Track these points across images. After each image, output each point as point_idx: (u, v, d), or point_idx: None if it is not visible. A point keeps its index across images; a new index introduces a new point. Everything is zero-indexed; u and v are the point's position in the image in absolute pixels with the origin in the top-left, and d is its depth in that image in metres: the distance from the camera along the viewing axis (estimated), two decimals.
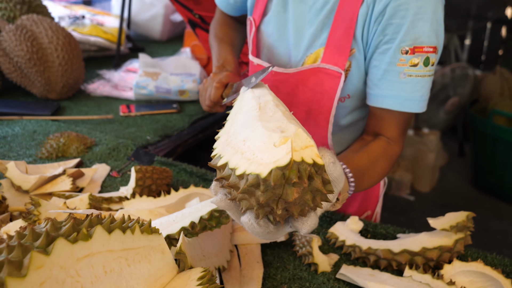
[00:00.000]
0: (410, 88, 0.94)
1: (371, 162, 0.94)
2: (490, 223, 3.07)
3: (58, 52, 1.72)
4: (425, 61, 0.93)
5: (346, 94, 1.04)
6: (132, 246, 0.61)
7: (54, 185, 1.06)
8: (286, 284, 0.86)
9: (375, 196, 1.27)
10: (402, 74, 0.94)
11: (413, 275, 0.82)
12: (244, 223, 0.63)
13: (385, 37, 0.94)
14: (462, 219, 0.89)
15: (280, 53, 1.10)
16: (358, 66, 1.00)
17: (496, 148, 3.19)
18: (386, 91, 0.96)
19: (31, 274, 0.47)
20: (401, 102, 0.96)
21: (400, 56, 0.92)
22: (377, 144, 0.99)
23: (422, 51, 0.92)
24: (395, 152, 1.00)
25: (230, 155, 0.62)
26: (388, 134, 1.00)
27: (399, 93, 0.95)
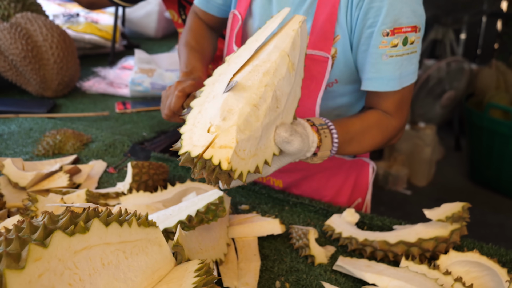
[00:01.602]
0: (391, 68, 0.98)
1: (363, 128, 1.00)
2: (487, 216, 3.08)
3: (53, 50, 1.72)
4: (404, 41, 0.96)
5: (334, 79, 1.06)
6: (129, 239, 0.61)
7: (51, 182, 1.06)
8: (283, 276, 0.86)
9: (365, 184, 1.29)
10: (385, 56, 0.97)
11: (409, 265, 0.83)
12: None
13: (368, 21, 0.96)
14: (458, 210, 0.89)
15: None
16: (344, 51, 1.02)
17: (492, 142, 3.20)
18: (371, 74, 0.99)
19: (29, 266, 0.47)
20: (386, 83, 0.99)
21: (382, 39, 0.95)
22: (372, 113, 1.04)
23: (401, 31, 0.95)
24: (391, 124, 1.04)
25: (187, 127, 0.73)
26: (384, 108, 1.04)
27: (383, 74, 0.98)
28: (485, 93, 3.37)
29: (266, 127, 0.76)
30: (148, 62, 1.96)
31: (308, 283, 0.84)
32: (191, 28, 1.25)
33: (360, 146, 1.01)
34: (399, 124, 1.05)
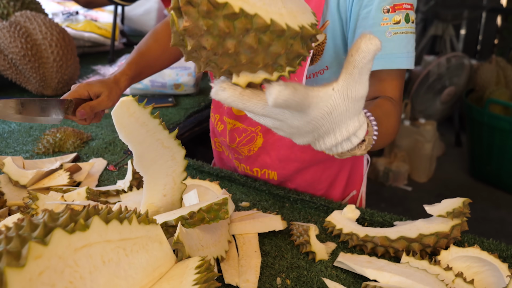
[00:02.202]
0: (397, 45, 0.95)
1: (384, 115, 0.87)
2: (487, 212, 3.09)
3: (53, 48, 1.71)
4: (406, 18, 0.94)
5: (325, 66, 1.05)
6: (130, 236, 0.61)
7: (51, 180, 1.06)
8: (284, 272, 0.86)
9: (360, 175, 1.29)
10: (388, 33, 0.94)
11: (410, 261, 0.83)
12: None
13: (364, 1, 0.94)
14: (459, 205, 0.89)
15: None
16: (334, 37, 1.01)
17: (493, 137, 3.20)
18: None
19: (30, 264, 0.47)
20: (392, 59, 0.96)
21: (383, 16, 0.94)
22: (385, 100, 0.97)
23: (401, 7, 0.93)
24: (399, 112, 0.99)
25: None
26: (390, 95, 1.00)
27: (389, 51, 0.96)
28: (485, 88, 3.37)
29: None
30: None
31: (309, 280, 0.84)
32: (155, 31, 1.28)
33: (386, 135, 0.87)
34: (401, 112, 1.01)
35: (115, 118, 0.69)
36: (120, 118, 0.70)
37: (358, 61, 0.55)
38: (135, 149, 0.76)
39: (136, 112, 0.70)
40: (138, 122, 0.72)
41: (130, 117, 0.70)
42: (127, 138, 0.73)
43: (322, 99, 0.56)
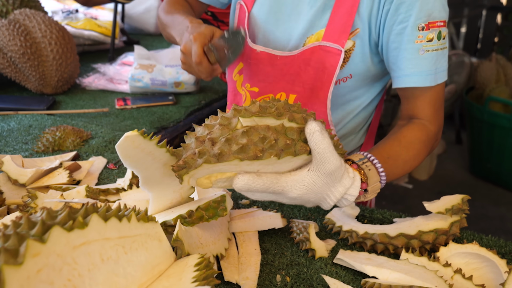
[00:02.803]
0: (429, 63, 0.97)
1: (404, 147, 0.95)
2: (487, 209, 3.09)
3: (52, 46, 1.71)
4: (438, 35, 0.96)
5: (348, 74, 1.06)
6: (129, 234, 0.61)
7: (50, 178, 1.06)
8: (284, 270, 0.86)
9: None
10: (421, 51, 0.96)
11: (409, 258, 0.83)
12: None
13: (399, 16, 0.96)
14: (457, 202, 0.89)
15: (278, 37, 1.10)
16: (362, 45, 1.01)
17: (493, 135, 3.20)
18: (408, 70, 0.98)
19: (28, 262, 0.47)
20: (424, 77, 0.98)
21: (418, 33, 0.95)
22: (410, 127, 1.00)
23: (435, 25, 0.95)
24: (431, 131, 1.01)
25: None
26: (422, 113, 1.02)
27: (421, 69, 0.98)
28: (485, 86, 3.37)
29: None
30: (148, 58, 1.96)
31: (308, 277, 0.84)
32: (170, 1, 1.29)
33: (407, 165, 0.95)
34: (437, 129, 1.03)
35: (119, 152, 0.69)
36: (124, 151, 0.69)
37: (313, 148, 0.67)
38: (140, 173, 0.76)
39: (141, 145, 0.70)
40: (143, 152, 0.71)
41: (135, 149, 0.70)
42: (132, 166, 0.73)
43: (297, 181, 0.70)
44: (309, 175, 0.70)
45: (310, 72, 1.05)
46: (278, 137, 0.67)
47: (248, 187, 0.68)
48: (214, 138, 0.67)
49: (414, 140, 0.97)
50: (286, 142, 0.67)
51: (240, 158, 0.65)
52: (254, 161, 0.66)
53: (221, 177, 0.70)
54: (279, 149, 0.67)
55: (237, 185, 0.68)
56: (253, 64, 1.12)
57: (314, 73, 1.05)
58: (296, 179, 0.70)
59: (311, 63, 1.04)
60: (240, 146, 0.65)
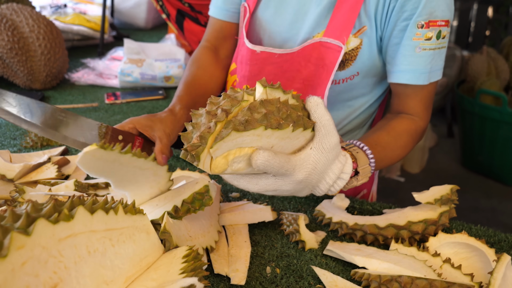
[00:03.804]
0: (424, 62, 0.97)
1: (392, 137, 0.97)
2: (479, 201, 3.11)
3: (40, 41, 1.70)
4: (438, 34, 0.95)
5: (356, 72, 1.05)
6: (116, 227, 0.61)
7: (39, 173, 1.06)
8: (274, 261, 0.86)
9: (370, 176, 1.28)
10: (418, 48, 0.96)
11: (398, 248, 0.83)
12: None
13: (404, 14, 0.95)
14: (446, 192, 0.90)
15: (285, 38, 1.09)
16: (370, 43, 1.01)
17: (484, 127, 3.22)
18: (403, 66, 0.99)
19: (12, 254, 0.46)
20: (418, 76, 0.98)
21: (416, 31, 0.95)
22: (398, 121, 1.02)
23: (436, 24, 0.94)
24: (420, 126, 1.03)
25: None
26: (412, 110, 1.03)
27: (416, 67, 0.98)
28: (476, 79, 3.38)
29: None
30: (138, 52, 1.94)
31: (298, 268, 0.84)
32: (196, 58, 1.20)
33: (394, 154, 0.97)
34: (425, 124, 1.05)
35: (81, 167, 0.64)
36: (87, 165, 0.65)
37: (319, 120, 0.69)
38: (110, 180, 0.72)
39: (103, 156, 0.65)
40: (108, 162, 0.67)
41: (98, 161, 0.66)
42: (98, 175, 0.69)
43: (304, 160, 0.70)
44: (312, 153, 0.70)
45: (310, 69, 1.04)
46: (289, 110, 0.67)
47: (267, 164, 0.66)
48: (227, 109, 0.65)
49: (402, 132, 0.99)
50: (298, 114, 0.68)
51: (265, 126, 0.63)
52: (274, 131, 0.65)
53: (239, 155, 0.67)
54: (292, 120, 0.67)
55: (258, 161, 0.65)
56: (253, 65, 1.10)
57: (314, 69, 1.04)
58: (303, 157, 0.70)
59: (312, 60, 1.03)
60: (263, 113, 0.63)
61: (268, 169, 0.67)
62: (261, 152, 0.66)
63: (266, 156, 0.65)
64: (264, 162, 0.65)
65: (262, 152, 0.65)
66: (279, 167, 0.67)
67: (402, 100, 1.04)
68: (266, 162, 0.66)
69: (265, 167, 0.66)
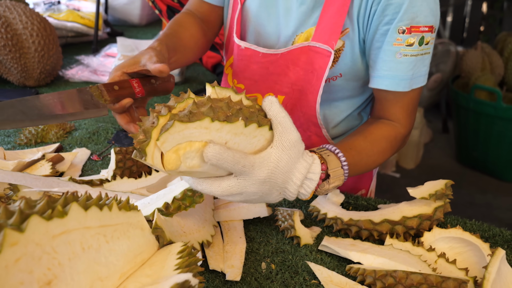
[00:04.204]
0: (405, 68, 0.94)
1: (369, 142, 0.94)
2: (474, 197, 3.12)
3: (34, 38, 1.69)
4: (420, 41, 0.92)
5: (338, 73, 1.03)
6: (110, 223, 0.61)
7: (33, 170, 1.05)
8: (269, 257, 0.86)
9: (368, 175, 1.27)
10: (398, 54, 0.93)
11: (393, 243, 0.83)
12: None
13: (385, 18, 0.93)
14: (441, 187, 0.90)
15: (269, 33, 1.07)
16: (352, 46, 0.99)
17: (479, 123, 3.23)
18: (382, 72, 0.96)
19: (5, 251, 0.46)
20: (398, 82, 0.96)
21: (397, 36, 0.92)
22: (377, 126, 0.99)
23: (418, 30, 0.91)
24: (400, 133, 1.00)
25: None
26: (393, 116, 1.00)
27: (395, 73, 0.95)
28: (471, 75, 3.39)
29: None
30: (131, 49, 1.94)
31: (293, 264, 0.85)
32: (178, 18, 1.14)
33: (370, 160, 0.94)
34: (407, 131, 1.02)
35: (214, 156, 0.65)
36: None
37: (275, 118, 0.69)
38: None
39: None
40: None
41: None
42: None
43: (265, 159, 0.69)
44: (273, 151, 0.69)
45: (299, 73, 1.02)
46: (241, 107, 0.66)
47: (219, 156, 0.63)
48: (171, 106, 0.65)
49: (380, 138, 0.96)
50: (250, 111, 0.66)
51: (211, 118, 0.62)
52: (223, 124, 0.64)
53: (189, 149, 0.64)
54: (244, 117, 0.65)
55: (209, 154, 0.63)
56: (239, 60, 1.09)
57: (303, 74, 1.02)
58: (263, 156, 0.68)
59: (300, 64, 1.01)
60: (209, 106, 0.63)
61: (221, 163, 0.64)
62: (212, 145, 0.63)
63: (217, 149, 0.63)
64: (215, 155, 0.63)
65: (213, 145, 0.63)
66: (233, 161, 0.65)
67: (383, 105, 1.02)
68: (217, 155, 0.63)
69: (218, 161, 0.64)
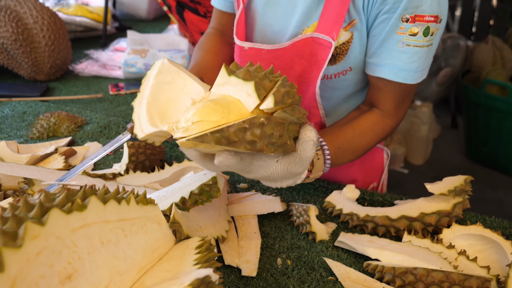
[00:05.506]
0: (407, 58, 0.92)
1: (356, 136, 0.95)
2: (484, 193, 3.09)
3: (44, 32, 1.68)
4: (425, 31, 0.90)
5: (348, 67, 1.01)
6: (128, 217, 0.60)
7: (46, 164, 1.05)
8: (285, 253, 0.85)
9: (379, 168, 1.26)
10: (401, 43, 0.91)
11: (412, 240, 0.82)
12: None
13: (385, 6, 0.90)
14: (460, 183, 0.88)
15: (275, 31, 1.06)
16: (360, 37, 0.97)
17: (489, 118, 3.19)
18: (383, 60, 0.94)
19: (27, 244, 0.45)
20: (397, 72, 0.94)
21: (401, 24, 0.90)
22: (368, 117, 0.99)
23: (423, 20, 0.88)
24: (387, 125, 1.00)
25: None
26: (383, 106, 0.99)
27: (396, 62, 0.93)
28: (482, 69, 3.36)
29: None
30: (141, 43, 1.93)
31: (310, 260, 0.84)
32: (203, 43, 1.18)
33: (355, 154, 0.97)
34: (395, 123, 1.01)
35: None
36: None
37: (302, 153, 0.71)
38: None
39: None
40: None
41: None
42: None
43: (264, 167, 0.72)
44: (276, 165, 0.73)
45: (304, 65, 1.01)
46: (283, 134, 0.67)
47: (227, 163, 0.68)
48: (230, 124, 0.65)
49: (368, 130, 0.97)
50: (287, 143, 0.68)
51: (248, 149, 0.64)
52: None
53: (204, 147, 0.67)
54: (277, 145, 0.67)
55: (220, 158, 0.67)
56: (244, 62, 1.07)
57: (308, 65, 1.00)
58: (265, 165, 0.72)
59: (305, 56, 0.99)
60: (251, 140, 0.64)
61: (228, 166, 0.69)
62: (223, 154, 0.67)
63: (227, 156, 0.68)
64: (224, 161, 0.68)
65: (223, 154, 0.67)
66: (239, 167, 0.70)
67: (376, 93, 1.00)
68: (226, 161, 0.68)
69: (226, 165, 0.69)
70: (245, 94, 0.66)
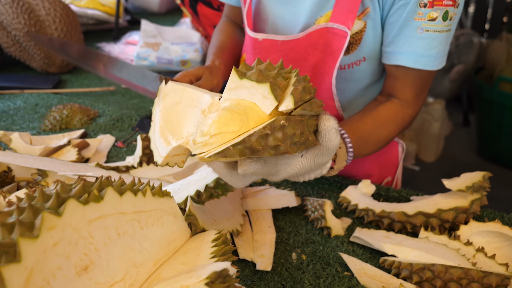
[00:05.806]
0: (426, 44, 0.90)
1: (377, 127, 0.92)
2: (496, 191, 3.04)
3: (56, 25, 1.68)
4: (444, 15, 0.87)
5: (362, 57, 0.99)
6: (144, 209, 0.59)
7: (59, 156, 1.04)
8: (300, 248, 0.84)
9: (394, 162, 1.24)
10: (419, 29, 0.89)
11: (429, 236, 0.81)
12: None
13: None
14: (478, 179, 0.87)
15: (287, 22, 1.04)
16: (374, 26, 0.95)
17: (503, 116, 3.15)
18: (402, 47, 0.92)
19: (44, 235, 0.45)
20: (416, 59, 0.91)
21: (419, 10, 0.87)
22: (387, 107, 0.96)
23: (441, 4, 0.86)
24: (407, 114, 0.97)
25: None
26: (402, 95, 0.97)
27: (415, 49, 0.91)
28: (495, 66, 3.31)
29: None
30: (154, 36, 1.92)
31: (325, 255, 0.83)
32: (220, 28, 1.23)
33: (376, 146, 0.94)
34: (414, 113, 0.99)
35: None
36: None
37: (326, 144, 0.67)
38: None
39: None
40: None
41: None
42: None
43: (290, 165, 0.69)
44: (302, 161, 0.70)
45: (319, 56, 0.99)
46: (304, 131, 0.64)
47: (253, 170, 0.66)
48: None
49: (388, 121, 0.94)
50: (309, 138, 0.65)
51: (272, 154, 0.62)
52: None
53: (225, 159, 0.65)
54: (300, 143, 0.64)
55: (244, 167, 0.66)
56: (257, 54, 1.06)
57: (322, 57, 0.99)
58: (290, 162, 0.69)
59: (319, 47, 0.98)
60: (275, 145, 0.61)
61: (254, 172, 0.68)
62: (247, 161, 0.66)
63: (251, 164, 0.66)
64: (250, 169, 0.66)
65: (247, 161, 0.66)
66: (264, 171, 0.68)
67: (394, 83, 0.98)
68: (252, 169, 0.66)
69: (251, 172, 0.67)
70: (260, 96, 0.62)
